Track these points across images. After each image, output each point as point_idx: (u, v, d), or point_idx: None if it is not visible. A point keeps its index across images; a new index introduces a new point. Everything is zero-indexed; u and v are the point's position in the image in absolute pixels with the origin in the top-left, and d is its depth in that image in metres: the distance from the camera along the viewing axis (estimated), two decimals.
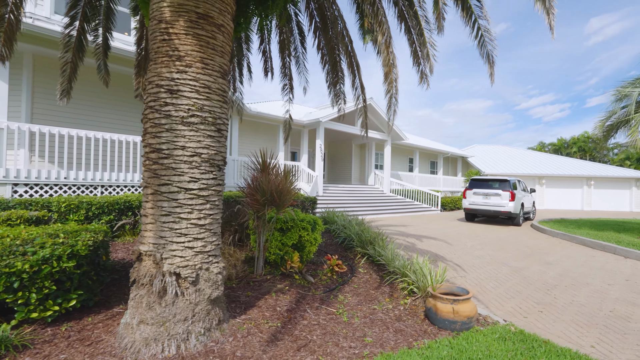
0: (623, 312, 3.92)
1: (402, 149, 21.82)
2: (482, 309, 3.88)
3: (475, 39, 3.67)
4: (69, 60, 4.10)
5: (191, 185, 2.57)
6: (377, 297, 4.09)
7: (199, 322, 2.59)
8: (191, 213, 2.59)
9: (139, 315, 2.48)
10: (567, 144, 41.95)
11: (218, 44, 2.69)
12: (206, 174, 2.65)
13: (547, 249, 7.63)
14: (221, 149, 2.80)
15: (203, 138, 2.62)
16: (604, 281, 5.17)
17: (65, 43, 4.01)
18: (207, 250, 2.70)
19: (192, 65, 2.54)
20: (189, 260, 2.57)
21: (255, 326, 3.01)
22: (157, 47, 2.55)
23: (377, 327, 3.24)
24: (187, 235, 2.58)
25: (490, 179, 12.47)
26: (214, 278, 2.71)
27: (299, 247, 5.22)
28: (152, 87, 2.56)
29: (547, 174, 23.87)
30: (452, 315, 3.15)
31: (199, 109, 2.57)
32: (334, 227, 7.75)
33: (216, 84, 2.69)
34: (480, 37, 3.65)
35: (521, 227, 11.67)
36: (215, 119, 2.70)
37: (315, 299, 3.89)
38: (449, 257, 6.50)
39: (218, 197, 2.82)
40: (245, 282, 4.34)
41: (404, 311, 3.68)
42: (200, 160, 2.60)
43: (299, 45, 5.42)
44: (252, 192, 4.45)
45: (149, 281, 2.51)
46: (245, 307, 3.45)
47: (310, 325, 3.19)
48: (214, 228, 2.81)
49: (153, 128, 2.54)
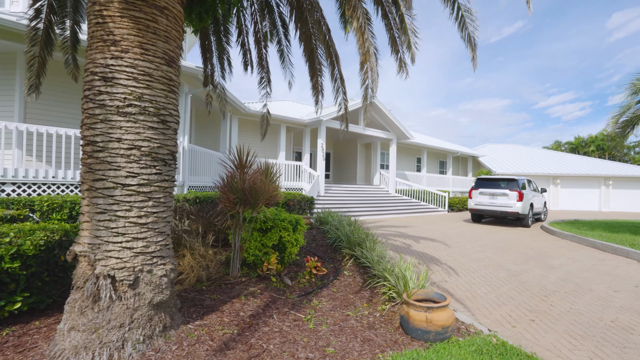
0: (626, 323, 3.54)
1: (410, 149, 21.35)
2: (467, 317, 3.56)
3: (455, 21, 3.36)
4: (36, 55, 4.00)
5: (129, 181, 2.38)
6: (354, 302, 3.82)
7: (138, 328, 2.39)
8: (130, 211, 2.39)
9: (71, 321, 2.30)
10: (585, 143, 40.30)
11: (160, 28, 2.49)
12: (147, 169, 2.45)
13: (553, 252, 7.17)
14: (167, 142, 2.60)
15: (143, 130, 2.42)
16: (610, 287, 4.75)
17: (32, 37, 3.91)
18: (150, 251, 2.50)
19: (129, 51, 2.35)
20: (126, 261, 2.37)
21: (207, 333, 2.79)
22: (92, 32, 2.37)
23: (345, 336, 2.98)
24: (125, 235, 2.38)
25: (498, 178, 11.96)
26: (157, 281, 2.50)
27: (280, 248, 4.99)
28: (87, 74, 2.38)
29: (562, 173, 22.95)
30: (424, 324, 2.86)
31: (137, 98, 2.38)
32: (327, 227, 7.50)
33: (159, 72, 2.49)
34: (460, 19, 3.34)
35: (530, 229, 11.13)
36: (159, 109, 2.50)
37: (287, 304, 3.65)
38: (444, 259, 6.15)
39: (164, 194, 2.62)
40: (218, 285, 4.14)
41: (379, 318, 3.41)
42: (139, 153, 2.41)
43: (283, 38, 5.20)
44: (225, 191, 4.25)
45: (84, 284, 2.32)
46: (206, 312, 3.24)
47: (271, 332, 2.96)
48: (160, 227, 2.60)
49: (88, 119, 2.36)
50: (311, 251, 6.20)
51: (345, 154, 19.93)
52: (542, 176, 23.33)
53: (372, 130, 15.82)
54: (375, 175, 18.02)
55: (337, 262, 5.57)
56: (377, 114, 16.00)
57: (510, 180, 11.55)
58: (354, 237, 5.85)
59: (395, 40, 3.63)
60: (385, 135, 16.47)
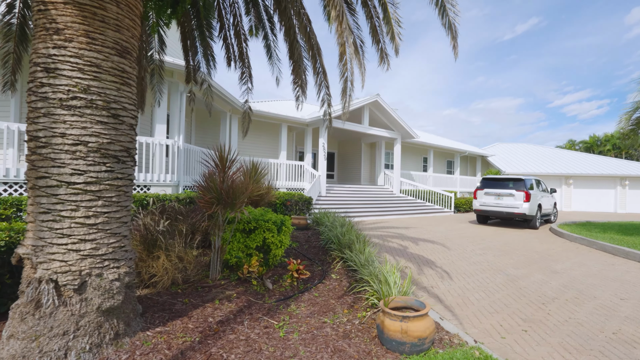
0: (630, 335, 3.23)
1: (416, 148, 20.97)
2: (454, 326, 3.32)
3: (435, 7, 3.12)
4: (11, 51, 3.93)
5: (75, 179, 2.23)
6: (334, 308, 3.62)
7: (84, 336, 2.24)
8: (76, 211, 2.24)
9: (12, 328, 2.16)
10: (600, 142, 38.92)
11: (110, 16, 2.34)
12: (96, 166, 2.30)
13: (558, 255, 6.80)
14: (120, 137, 2.44)
15: (90, 124, 2.27)
16: (617, 295, 4.42)
17: (5, 32, 3.83)
18: (100, 254, 2.35)
19: (74, 40, 2.20)
20: (72, 265, 2.22)
21: (166, 341, 2.62)
22: (35, 20, 2.23)
23: (315, 345, 2.77)
24: (71, 237, 2.23)
25: (504, 178, 11.54)
26: (108, 286, 2.35)
27: (265, 250, 4.82)
28: (31, 66, 2.24)
29: (575, 173, 22.18)
30: (399, 334, 2.63)
31: (83, 90, 2.22)
32: (322, 228, 7.30)
33: (109, 63, 2.34)
34: (440, 5, 3.10)
35: (537, 231, 10.70)
36: (109, 102, 2.34)
37: (262, 309, 3.47)
38: (440, 262, 5.88)
39: (118, 193, 2.46)
40: (194, 288, 3.99)
41: (357, 326, 3.19)
42: (86, 149, 2.25)
43: (269, 32, 5.02)
44: (202, 191, 4.09)
45: (26, 288, 2.18)
46: (172, 317, 3.08)
47: (236, 340, 2.78)
48: (114, 228, 2.45)
49: (31, 113, 2.22)
50: (302, 253, 6.01)
51: (350, 153, 19.67)
52: (553, 176, 22.61)
53: (375, 130, 15.54)
54: (379, 175, 17.71)
55: (326, 264, 5.36)
56: (380, 113, 15.72)
57: (517, 180, 11.13)
58: (343, 239, 5.63)
59: (375, 29, 3.41)
60: (390, 135, 16.16)
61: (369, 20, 3.46)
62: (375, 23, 3.40)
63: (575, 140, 43.80)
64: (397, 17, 3.45)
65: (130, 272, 2.58)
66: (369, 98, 14.65)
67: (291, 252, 5.97)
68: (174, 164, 8.09)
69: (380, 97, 14.85)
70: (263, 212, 5.10)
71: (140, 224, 4.10)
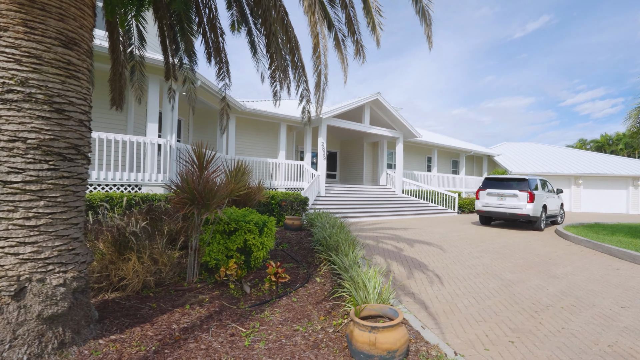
0: (627, 348, 2.97)
1: (419, 148, 20.62)
2: (435, 335, 3.10)
3: None
4: None
5: (12, 178, 2.08)
6: (310, 315, 3.42)
7: (22, 346, 2.09)
8: (14, 212, 2.10)
9: None
10: (612, 141, 37.84)
11: (52, 5, 2.19)
12: (36, 164, 2.15)
13: (561, 259, 6.49)
14: (67, 134, 2.30)
15: (30, 119, 2.12)
16: (618, 302, 4.13)
17: None
18: (42, 257, 2.20)
19: (9, 29, 2.06)
20: (9, 269, 2.08)
21: (118, 350, 2.47)
22: None
23: (280, 356, 2.59)
24: (8, 239, 2.09)
25: (507, 178, 11.19)
26: (50, 292, 2.20)
27: (246, 252, 4.65)
28: None
29: (585, 173, 21.56)
30: (367, 346, 2.43)
31: (20, 83, 2.08)
32: (315, 230, 7.11)
33: (51, 54, 2.19)
34: None
35: (542, 233, 10.33)
36: (51, 96, 2.20)
37: (234, 315, 3.30)
38: (432, 265, 5.64)
39: (64, 193, 2.31)
40: (168, 291, 3.84)
41: (330, 335, 3.00)
42: (25, 146, 2.11)
43: (253, 27, 4.86)
44: (177, 192, 3.94)
45: None
46: (134, 323, 2.93)
47: (196, 350, 2.61)
48: (60, 230, 2.30)
49: None
50: (290, 255, 5.83)
51: (352, 153, 19.43)
52: (562, 176, 22.02)
53: (377, 129, 15.29)
54: (381, 175, 17.44)
55: (313, 267, 5.18)
56: (382, 111, 15.46)
57: (521, 180, 10.77)
58: (330, 240, 5.44)
59: (351, 19, 3.21)
60: (392, 134, 15.89)
61: (344, 9, 3.26)
62: (350, 13, 3.21)
63: (586, 139, 42.69)
64: (377, 6, 3.24)
65: (81, 276, 2.43)
66: (370, 97, 14.41)
67: (279, 254, 5.80)
68: (166, 164, 7.99)
69: (381, 95, 14.61)
70: (246, 213, 4.93)
71: (112, 225, 3.98)
